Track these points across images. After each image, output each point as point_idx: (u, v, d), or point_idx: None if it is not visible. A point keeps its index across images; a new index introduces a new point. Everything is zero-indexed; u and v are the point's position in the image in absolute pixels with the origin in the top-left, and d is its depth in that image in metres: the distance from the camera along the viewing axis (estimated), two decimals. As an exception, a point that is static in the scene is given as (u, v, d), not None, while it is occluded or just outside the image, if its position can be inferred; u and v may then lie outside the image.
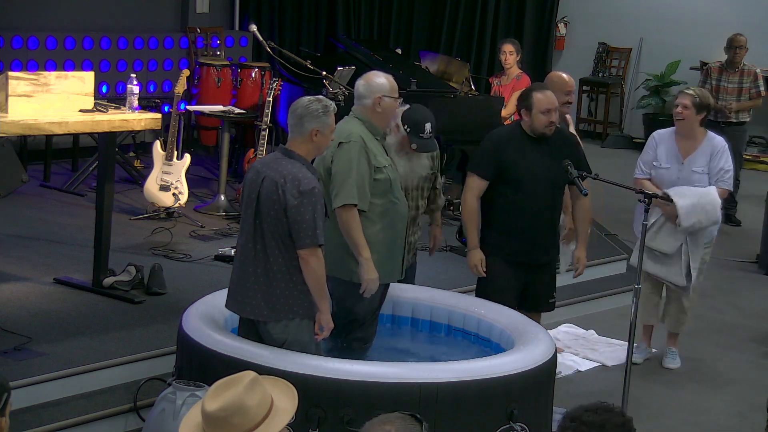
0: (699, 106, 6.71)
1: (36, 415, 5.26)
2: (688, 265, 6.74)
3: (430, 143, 5.90)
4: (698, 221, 6.58)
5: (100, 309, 6.39)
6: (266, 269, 4.89)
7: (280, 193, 4.81)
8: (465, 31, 13.81)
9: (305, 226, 4.79)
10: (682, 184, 6.70)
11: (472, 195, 6.02)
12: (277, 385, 3.24)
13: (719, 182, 6.73)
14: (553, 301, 6.27)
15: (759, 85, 10.23)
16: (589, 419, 3.08)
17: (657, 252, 6.76)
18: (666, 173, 6.77)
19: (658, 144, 6.86)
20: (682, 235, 6.68)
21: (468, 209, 6.03)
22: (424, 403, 4.73)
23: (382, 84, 5.44)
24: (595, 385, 6.71)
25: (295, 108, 4.95)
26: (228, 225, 8.42)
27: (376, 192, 5.34)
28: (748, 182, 11.12)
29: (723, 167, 6.74)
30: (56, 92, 6.32)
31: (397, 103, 5.55)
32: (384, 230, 5.39)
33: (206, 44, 11.08)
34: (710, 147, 6.78)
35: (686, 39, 13.59)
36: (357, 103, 5.47)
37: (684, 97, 6.74)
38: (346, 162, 5.27)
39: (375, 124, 5.42)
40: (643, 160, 6.91)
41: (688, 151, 6.77)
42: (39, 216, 8.28)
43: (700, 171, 6.73)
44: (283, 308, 4.90)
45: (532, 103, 5.94)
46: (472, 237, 6.04)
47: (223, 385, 3.12)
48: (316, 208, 4.82)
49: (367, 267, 5.28)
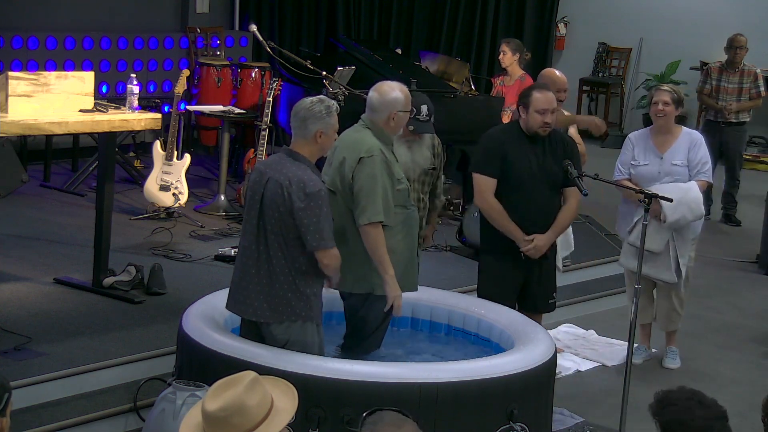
0: (677, 102, 6.81)
1: (36, 415, 5.26)
2: (677, 261, 6.75)
3: (427, 125, 5.91)
4: (683, 216, 6.61)
5: (100, 309, 6.39)
6: (269, 271, 4.88)
7: (286, 196, 4.80)
8: (465, 31, 13.81)
9: (313, 229, 4.79)
10: (663, 177, 6.72)
11: (489, 194, 5.95)
12: (277, 385, 3.24)
13: (700, 174, 6.77)
14: (553, 301, 6.26)
15: (759, 85, 10.24)
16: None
17: (645, 251, 6.77)
18: (646, 169, 6.79)
19: (634, 144, 6.92)
20: (668, 232, 6.69)
21: (493, 208, 5.94)
22: (424, 403, 4.73)
23: (397, 99, 5.34)
24: (595, 385, 6.71)
25: (298, 110, 4.93)
26: (228, 225, 8.42)
27: (397, 203, 5.29)
28: (748, 182, 11.12)
29: (701, 159, 6.78)
30: (56, 92, 6.32)
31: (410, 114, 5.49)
32: (404, 239, 5.36)
33: (206, 44, 11.08)
34: (688, 140, 6.84)
35: (686, 39, 13.59)
36: (369, 113, 5.36)
37: (663, 94, 6.81)
38: (371, 178, 5.17)
39: (387, 134, 5.37)
40: (620, 161, 6.95)
41: (665, 146, 6.82)
42: (39, 216, 8.28)
43: (680, 164, 6.77)
44: (285, 310, 4.90)
45: (530, 101, 5.95)
46: (515, 230, 5.93)
47: (223, 385, 3.12)
48: (322, 210, 4.81)
49: (392, 284, 5.22)
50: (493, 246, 6.07)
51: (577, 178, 5.90)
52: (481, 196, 6.00)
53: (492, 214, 5.98)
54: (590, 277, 8.34)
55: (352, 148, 5.21)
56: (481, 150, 6.11)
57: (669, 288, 6.89)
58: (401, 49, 11.45)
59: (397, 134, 5.60)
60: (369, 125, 5.35)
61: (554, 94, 6.29)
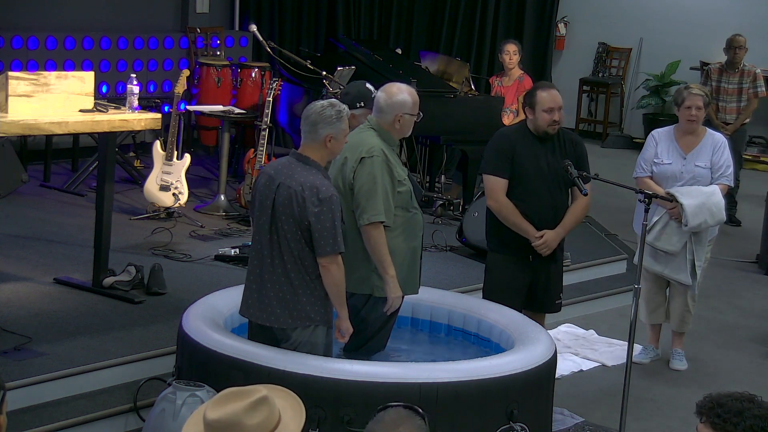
0: (707, 105, 6.83)
1: (36, 415, 5.26)
2: (693, 263, 6.76)
3: None
4: (704, 221, 6.62)
5: (100, 309, 6.39)
6: (284, 277, 4.88)
7: (300, 201, 4.79)
8: (465, 31, 13.80)
9: (326, 234, 4.79)
10: (686, 178, 6.73)
11: (501, 194, 5.95)
12: (290, 404, 3.13)
13: (722, 178, 6.77)
14: (559, 302, 6.25)
15: (758, 85, 10.21)
16: (730, 405, 3.09)
17: (662, 251, 6.78)
18: (669, 168, 6.79)
19: (657, 142, 6.89)
20: (686, 234, 6.69)
21: (505, 207, 5.93)
22: (424, 403, 4.71)
23: (404, 102, 5.34)
24: (595, 385, 6.71)
25: (309, 114, 4.91)
26: (228, 225, 8.42)
27: (398, 204, 5.27)
28: (748, 182, 11.12)
29: (725, 163, 6.79)
30: (56, 92, 6.32)
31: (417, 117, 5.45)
32: (406, 241, 5.35)
33: (206, 44, 11.08)
34: (712, 142, 6.84)
35: (686, 39, 13.59)
36: (376, 114, 5.36)
37: (696, 98, 6.76)
38: (371, 178, 5.17)
39: (392, 136, 5.37)
40: (643, 158, 6.92)
41: (689, 146, 6.81)
42: (39, 216, 8.28)
43: (703, 166, 6.77)
44: (300, 315, 4.91)
45: (535, 101, 5.95)
46: (527, 227, 5.91)
47: (231, 396, 3.04)
48: (335, 216, 4.81)
49: (393, 285, 5.23)
50: (502, 246, 6.07)
51: (577, 178, 5.90)
52: (493, 196, 6.00)
53: (504, 212, 5.97)
54: (590, 277, 8.34)
55: (354, 148, 5.21)
56: (491, 151, 6.09)
57: (683, 288, 6.89)
58: (401, 49, 11.45)
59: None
60: (374, 126, 5.35)
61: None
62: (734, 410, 3.12)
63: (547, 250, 5.98)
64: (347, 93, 5.91)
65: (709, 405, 3.18)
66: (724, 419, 3.14)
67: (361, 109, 5.70)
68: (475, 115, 9.12)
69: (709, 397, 3.20)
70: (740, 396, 3.17)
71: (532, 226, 5.94)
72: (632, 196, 6.17)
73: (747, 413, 3.11)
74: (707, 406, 3.18)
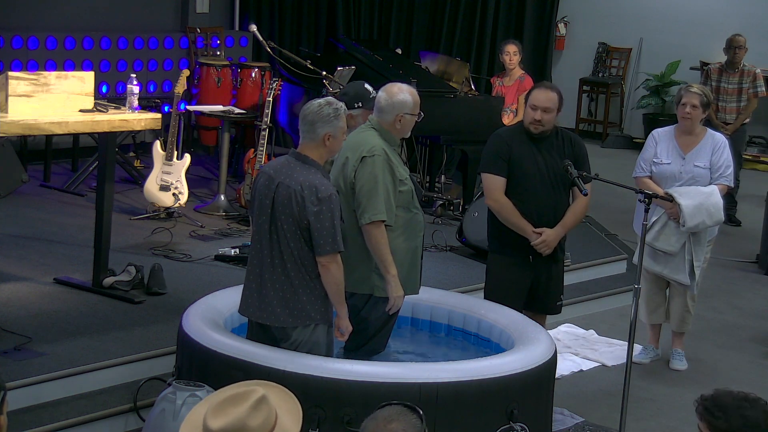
0: (705, 105, 6.78)
1: (36, 415, 5.26)
2: (691, 263, 6.75)
3: None
4: (702, 222, 6.61)
5: (100, 309, 6.39)
6: (284, 276, 4.88)
7: (299, 200, 4.79)
8: (465, 31, 13.81)
9: (326, 233, 4.79)
10: (685, 178, 6.73)
11: (500, 193, 5.95)
12: (284, 400, 3.15)
13: (721, 178, 6.77)
14: (560, 303, 6.25)
15: (758, 85, 10.20)
16: (721, 399, 3.10)
17: (660, 251, 6.78)
18: (668, 168, 6.78)
19: (657, 142, 6.89)
20: (684, 235, 6.69)
21: (504, 206, 5.93)
22: (424, 403, 4.71)
23: (405, 102, 5.34)
24: (595, 385, 6.71)
25: (306, 113, 4.91)
26: (228, 225, 8.42)
27: (399, 204, 5.27)
28: (748, 182, 11.12)
29: (724, 163, 6.78)
30: (56, 92, 6.32)
31: (417, 117, 5.46)
32: (407, 241, 5.34)
33: (206, 44, 11.08)
34: (711, 143, 6.83)
35: (686, 39, 13.59)
36: (377, 114, 5.37)
37: (692, 97, 6.75)
38: (372, 177, 5.18)
39: (393, 136, 5.37)
40: (643, 158, 6.92)
41: (689, 146, 6.81)
42: (39, 216, 8.28)
43: (702, 166, 6.76)
44: (301, 314, 4.91)
45: (528, 97, 6.00)
46: (525, 226, 5.91)
47: (230, 400, 3.04)
48: (335, 215, 4.81)
49: (395, 284, 5.23)
50: (503, 246, 6.06)
51: (577, 178, 5.90)
52: (491, 196, 6.00)
53: (502, 211, 5.97)
54: (590, 277, 8.34)
55: (355, 148, 5.21)
56: (488, 150, 6.10)
57: (683, 289, 6.89)
58: (401, 49, 11.44)
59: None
60: (375, 126, 5.35)
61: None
62: (722, 405, 3.12)
63: (547, 249, 5.97)
64: (345, 93, 5.91)
65: (703, 398, 3.20)
66: (711, 412, 3.16)
67: (359, 109, 5.70)
68: (475, 115, 9.12)
69: (709, 392, 3.21)
70: (737, 394, 3.17)
71: (529, 224, 5.94)
72: (632, 196, 6.17)
73: (734, 411, 3.11)
74: (702, 399, 3.20)
